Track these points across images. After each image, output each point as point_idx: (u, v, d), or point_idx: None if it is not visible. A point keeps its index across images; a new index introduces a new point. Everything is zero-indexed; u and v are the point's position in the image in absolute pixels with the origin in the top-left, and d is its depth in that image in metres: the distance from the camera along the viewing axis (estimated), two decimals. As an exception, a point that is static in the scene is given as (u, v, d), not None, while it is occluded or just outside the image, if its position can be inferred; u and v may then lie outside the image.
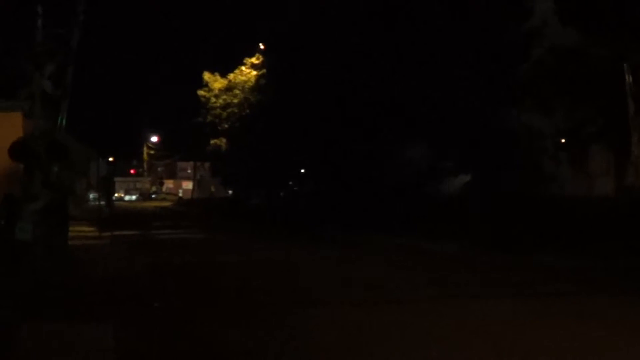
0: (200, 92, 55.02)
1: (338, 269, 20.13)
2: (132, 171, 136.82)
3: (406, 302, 13.68)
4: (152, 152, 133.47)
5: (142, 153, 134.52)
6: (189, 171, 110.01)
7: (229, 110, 53.15)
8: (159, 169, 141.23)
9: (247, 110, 51.20)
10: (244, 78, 52.89)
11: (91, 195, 62.91)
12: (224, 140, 53.88)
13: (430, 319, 11.69)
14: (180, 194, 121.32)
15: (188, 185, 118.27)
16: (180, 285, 16.79)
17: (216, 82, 54.45)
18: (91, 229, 35.55)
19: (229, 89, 53.62)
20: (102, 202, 35.41)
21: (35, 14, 19.55)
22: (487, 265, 20.40)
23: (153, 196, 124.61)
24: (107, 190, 34.15)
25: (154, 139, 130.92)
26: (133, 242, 30.21)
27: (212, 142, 55.11)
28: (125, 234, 33.79)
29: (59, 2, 21.50)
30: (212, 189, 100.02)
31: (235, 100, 52.81)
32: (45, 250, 19.04)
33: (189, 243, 29.90)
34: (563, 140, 28.54)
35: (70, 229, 29.86)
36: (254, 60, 52.27)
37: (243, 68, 53.37)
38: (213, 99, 53.98)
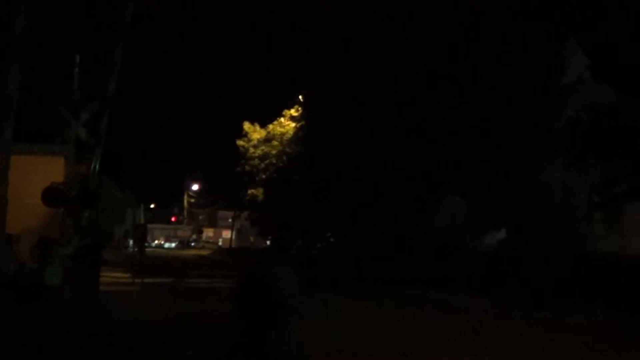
0: (240, 142, 55.32)
1: (382, 323, 20.13)
2: (172, 219, 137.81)
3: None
4: (192, 200, 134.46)
5: (183, 201, 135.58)
6: (229, 220, 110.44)
7: (267, 161, 53.34)
8: (200, 217, 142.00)
9: (285, 162, 51.29)
10: (282, 129, 53.06)
11: (131, 242, 63.28)
12: (260, 190, 53.98)
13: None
14: (220, 243, 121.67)
15: (228, 234, 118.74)
16: (207, 333, 16.74)
17: (255, 133, 54.73)
18: (126, 275, 35.74)
19: (267, 139, 53.81)
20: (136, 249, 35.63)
21: (73, 63, 20.02)
22: (512, 322, 20.40)
23: (192, 244, 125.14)
24: (140, 237, 34.34)
25: (195, 187, 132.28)
26: (164, 289, 30.28)
27: (249, 191, 55.23)
28: (159, 281, 33.83)
29: (96, 50, 22.04)
30: (252, 238, 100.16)
31: (274, 152, 52.95)
32: (75, 294, 19.22)
33: (219, 292, 29.83)
34: (596, 200, 28.21)
35: (106, 274, 30.18)
36: (292, 112, 52.44)
37: (282, 120, 53.59)
38: (252, 149, 54.25)
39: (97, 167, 20.78)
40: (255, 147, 54.32)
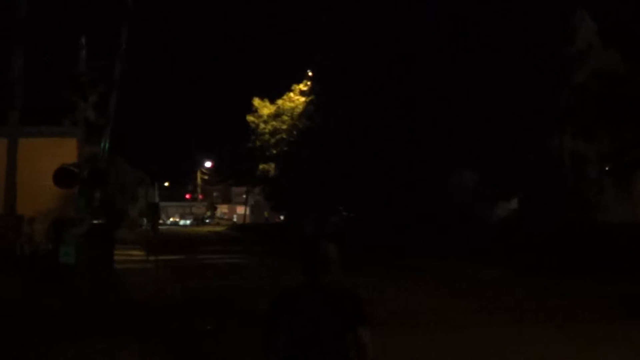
0: (250, 118, 55.26)
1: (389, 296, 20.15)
2: (187, 196, 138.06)
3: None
4: (205, 177, 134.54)
5: (196, 178, 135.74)
6: (243, 196, 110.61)
7: (278, 136, 53.32)
8: (214, 193, 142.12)
9: (296, 136, 51.27)
10: (292, 104, 52.97)
11: (145, 220, 63.20)
12: (272, 165, 54.01)
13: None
14: (235, 219, 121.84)
15: (242, 210, 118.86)
16: (218, 308, 16.82)
17: (265, 108, 54.62)
18: (141, 253, 35.86)
19: (277, 115, 53.74)
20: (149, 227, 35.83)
21: (79, 45, 20.07)
22: (526, 293, 20.41)
23: (207, 221, 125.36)
24: (152, 215, 34.45)
25: (208, 164, 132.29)
26: (178, 266, 30.42)
27: (260, 167, 55.20)
28: (172, 258, 34.00)
29: (102, 32, 22.03)
30: (266, 213, 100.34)
31: (284, 126, 52.92)
32: (89, 273, 19.36)
33: (233, 268, 29.98)
34: (607, 168, 28.04)
35: (120, 252, 30.30)
36: (301, 86, 52.31)
37: (291, 94, 53.48)
38: (262, 125, 54.19)
39: (107, 146, 20.89)
40: (265, 122, 54.26)
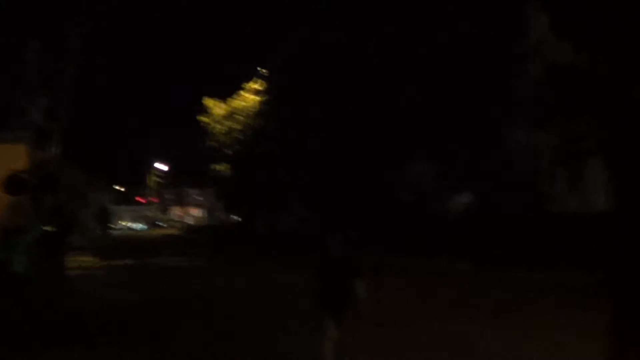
0: (202, 119, 54.72)
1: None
2: (140, 199, 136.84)
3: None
4: (159, 180, 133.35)
5: (150, 181, 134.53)
6: (197, 197, 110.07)
7: (231, 135, 52.78)
8: (168, 196, 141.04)
9: (250, 136, 50.87)
10: (245, 103, 52.50)
11: (97, 225, 62.57)
12: (226, 165, 53.50)
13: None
14: (191, 222, 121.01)
15: (197, 212, 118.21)
16: (172, 315, 16.58)
17: (217, 108, 54.05)
18: (94, 258, 35.48)
19: (230, 114, 53.21)
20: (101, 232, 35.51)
21: (30, 49, 19.62)
22: (479, 285, 20.59)
23: (161, 224, 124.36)
24: (103, 220, 34.21)
25: (163, 167, 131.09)
26: (130, 271, 30.01)
27: (212, 167, 54.65)
28: (125, 263, 33.73)
29: (54, 37, 21.57)
30: (218, 214, 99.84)
31: (238, 126, 52.38)
32: (41, 281, 18.96)
33: (185, 271, 29.59)
34: (558, 159, 28.36)
35: (73, 258, 29.83)
36: (255, 85, 51.96)
37: (243, 93, 53.01)
38: (217, 126, 53.55)
39: (58, 152, 20.44)
40: (219, 123, 53.67)
